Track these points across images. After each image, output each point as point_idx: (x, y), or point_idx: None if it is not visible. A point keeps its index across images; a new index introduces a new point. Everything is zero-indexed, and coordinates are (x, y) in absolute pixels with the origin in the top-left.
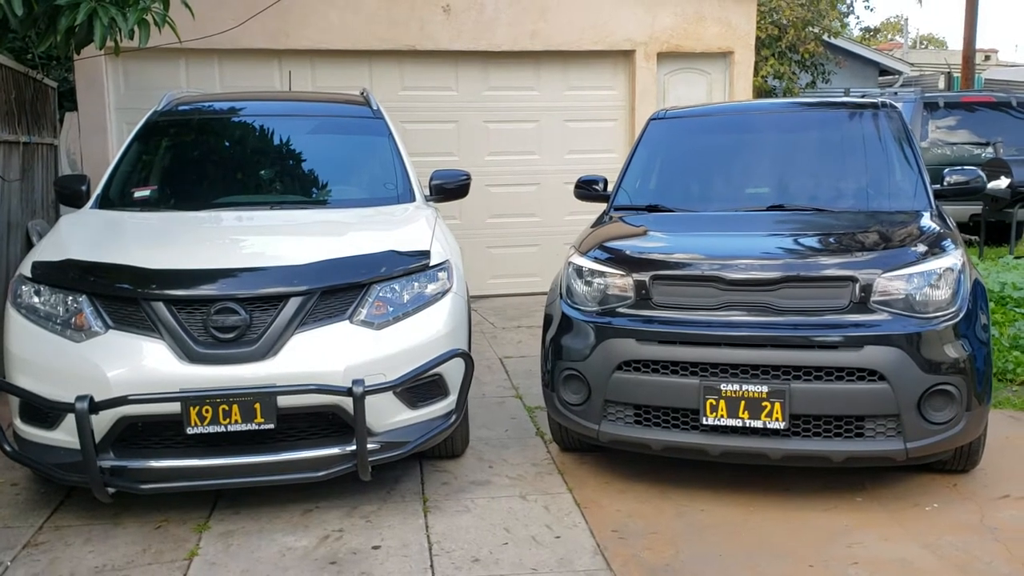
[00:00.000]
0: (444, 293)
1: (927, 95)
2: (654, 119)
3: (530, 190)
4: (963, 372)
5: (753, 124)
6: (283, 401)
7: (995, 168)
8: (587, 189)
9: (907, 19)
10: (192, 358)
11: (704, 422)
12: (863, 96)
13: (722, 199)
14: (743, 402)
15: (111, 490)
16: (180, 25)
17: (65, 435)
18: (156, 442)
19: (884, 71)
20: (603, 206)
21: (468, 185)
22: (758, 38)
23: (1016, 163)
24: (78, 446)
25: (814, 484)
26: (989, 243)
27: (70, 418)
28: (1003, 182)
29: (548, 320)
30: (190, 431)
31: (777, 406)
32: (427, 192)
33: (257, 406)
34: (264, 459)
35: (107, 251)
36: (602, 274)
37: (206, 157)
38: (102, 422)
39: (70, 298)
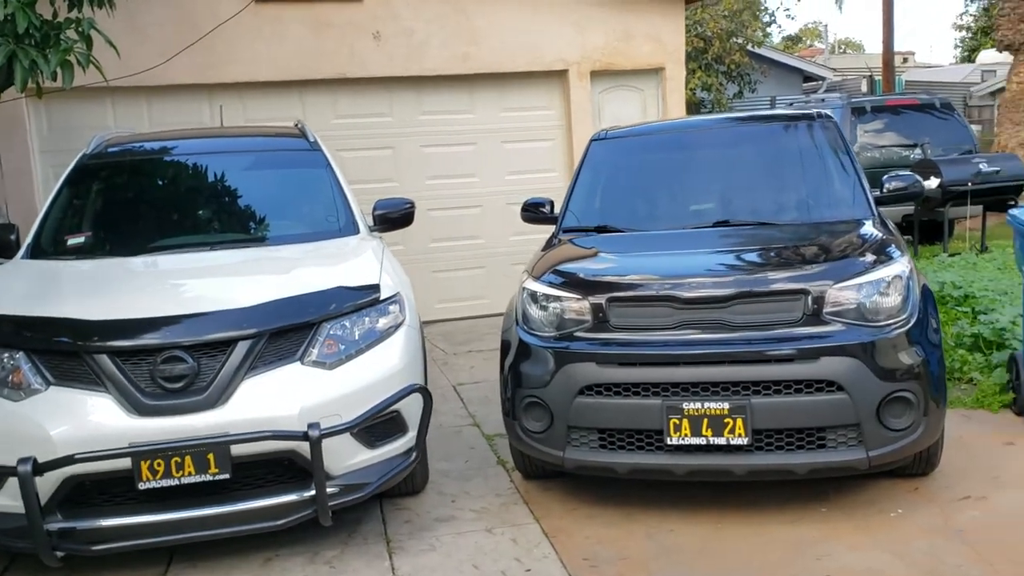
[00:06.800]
0: (397, 327)
1: (854, 100)
2: (595, 140)
3: (472, 212)
4: (919, 377)
5: (693, 141)
6: (237, 449)
7: (924, 169)
8: (534, 212)
9: (826, 25)
10: (140, 410)
11: (668, 442)
12: (791, 104)
13: (668, 217)
14: (706, 420)
15: (60, 554)
16: (105, 63)
17: (8, 499)
18: (106, 500)
19: (808, 77)
20: (551, 228)
21: (412, 213)
22: (685, 52)
23: (945, 163)
24: (23, 510)
25: (778, 497)
26: (923, 242)
27: (13, 482)
28: (933, 182)
29: (506, 347)
30: (142, 486)
31: (739, 422)
32: (371, 223)
33: (211, 456)
34: (221, 510)
35: (43, 303)
36: (557, 298)
37: (141, 199)
38: (47, 483)
39: (6, 355)
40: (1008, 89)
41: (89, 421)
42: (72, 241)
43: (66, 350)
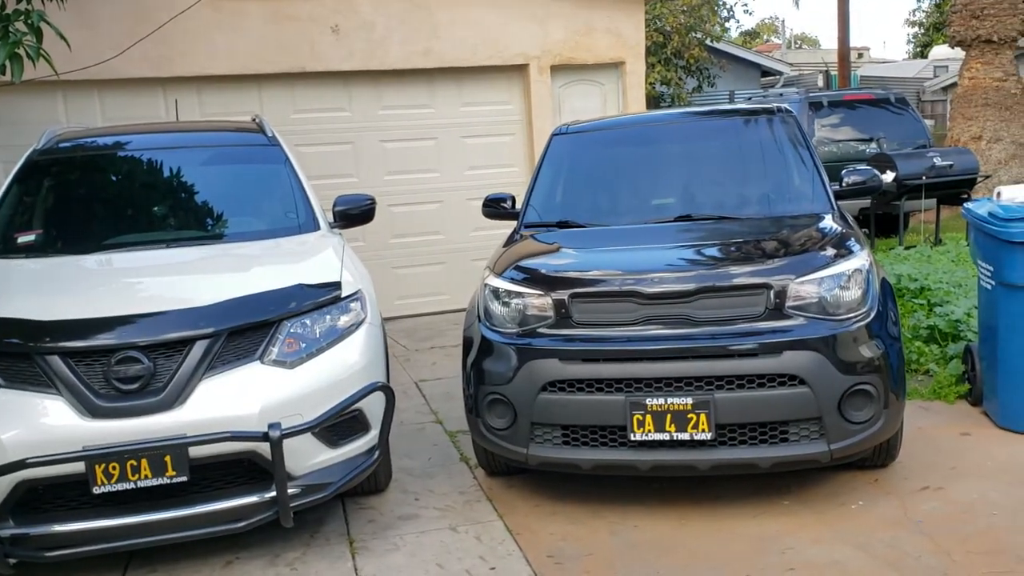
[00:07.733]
0: (358, 324)
1: (811, 95)
2: (557, 134)
3: (433, 208)
4: (879, 370)
5: (655, 135)
6: (195, 451)
7: (880, 163)
8: (495, 207)
9: (783, 20)
10: (95, 413)
11: (632, 438)
12: (749, 98)
13: (630, 212)
14: (669, 415)
15: (12, 560)
16: (56, 56)
17: None
18: (60, 505)
19: (766, 72)
20: (511, 223)
21: (373, 209)
22: (644, 46)
23: (900, 157)
24: None
25: (741, 491)
26: (878, 235)
27: None
28: (889, 176)
29: (468, 343)
30: (97, 491)
31: (703, 417)
32: (331, 219)
33: (168, 458)
34: (179, 514)
35: None
36: (520, 295)
37: (94, 196)
38: None
39: None
40: (960, 84)
41: (41, 424)
42: (22, 239)
43: (16, 351)
